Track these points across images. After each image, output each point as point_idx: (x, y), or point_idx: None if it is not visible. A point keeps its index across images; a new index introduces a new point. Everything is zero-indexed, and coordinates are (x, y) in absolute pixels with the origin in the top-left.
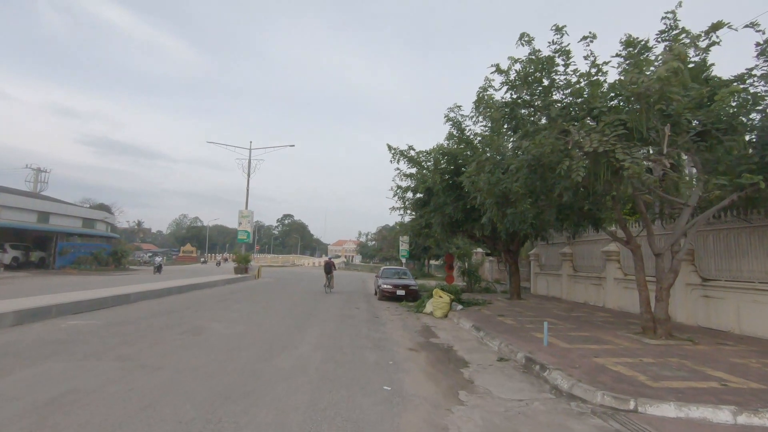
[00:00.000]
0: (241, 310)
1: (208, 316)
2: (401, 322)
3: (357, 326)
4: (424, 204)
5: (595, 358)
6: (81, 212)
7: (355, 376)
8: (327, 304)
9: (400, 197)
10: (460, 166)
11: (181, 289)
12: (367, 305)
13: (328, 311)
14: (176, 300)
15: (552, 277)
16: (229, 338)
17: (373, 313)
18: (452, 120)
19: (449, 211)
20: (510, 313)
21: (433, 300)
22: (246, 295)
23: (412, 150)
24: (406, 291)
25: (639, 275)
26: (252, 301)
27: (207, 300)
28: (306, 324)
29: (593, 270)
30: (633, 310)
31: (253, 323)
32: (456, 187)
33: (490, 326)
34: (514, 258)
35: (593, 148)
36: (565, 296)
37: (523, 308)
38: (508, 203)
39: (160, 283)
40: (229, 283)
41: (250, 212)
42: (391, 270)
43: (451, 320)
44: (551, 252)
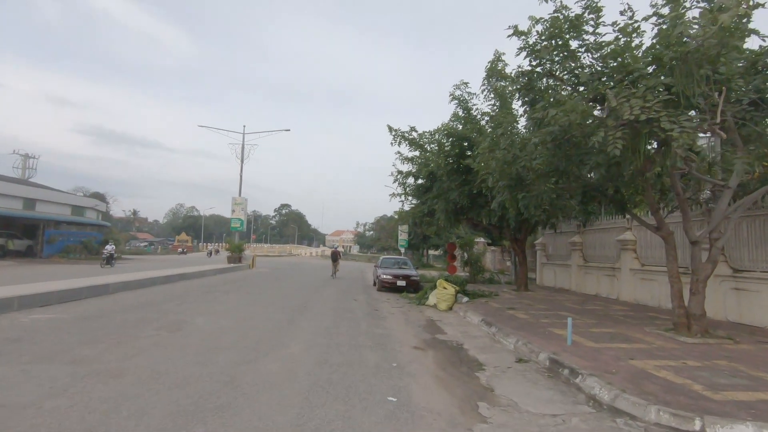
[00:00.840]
0: (228, 302)
1: (192, 309)
2: (403, 316)
3: (355, 321)
4: (427, 190)
5: (632, 361)
6: (70, 199)
7: (354, 382)
8: (323, 296)
9: (400, 183)
10: (465, 148)
11: (168, 279)
12: (366, 297)
13: (323, 304)
14: (160, 291)
15: (560, 268)
16: (211, 335)
17: (373, 306)
18: (458, 99)
19: (454, 197)
20: (520, 305)
21: (437, 291)
22: (237, 285)
23: (414, 131)
24: (407, 281)
25: (671, 265)
26: (242, 292)
27: (194, 291)
28: (299, 318)
29: (606, 260)
30: (651, 303)
31: (240, 317)
32: (462, 171)
33: (502, 321)
34: (522, 247)
35: (634, 116)
36: (575, 288)
37: (532, 300)
38: (522, 186)
39: (145, 273)
40: (220, 273)
41: (244, 200)
42: (390, 259)
43: (457, 313)
44: (559, 241)
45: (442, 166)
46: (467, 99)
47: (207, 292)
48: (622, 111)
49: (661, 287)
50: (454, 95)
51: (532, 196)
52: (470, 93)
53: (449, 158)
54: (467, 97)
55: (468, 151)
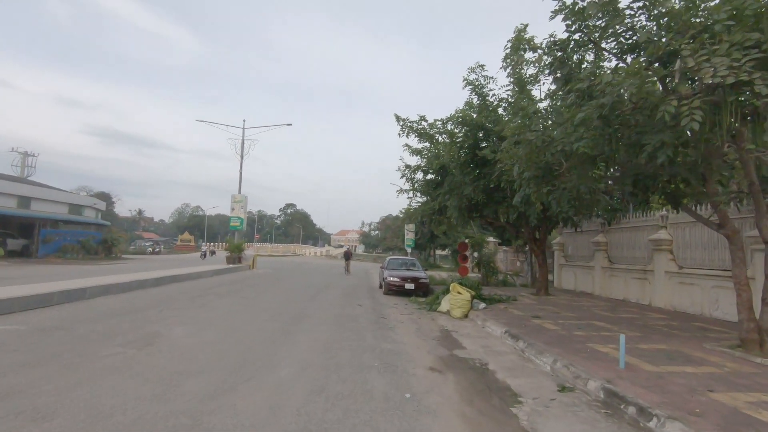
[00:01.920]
0: (219, 308)
1: (175, 318)
2: (414, 325)
3: (359, 332)
4: (437, 185)
5: (713, 394)
6: (67, 198)
7: (357, 424)
8: (325, 301)
9: (408, 178)
10: (480, 139)
11: (158, 282)
12: (372, 302)
13: (325, 310)
14: (145, 295)
15: (581, 270)
16: (186, 353)
17: (379, 313)
18: (472, 84)
19: (468, 192)
20: (544, 313)
21: (450, 297)
22: (233, 288)
23: (424, 121)
24: (415, 284)
25: (738, 270)
26: (237, 296)
27: (183, 295)
28: (295, 329)
29: (636, 262)
30: (692, 311)
31: (227, 327)
32: (476, 164)
33: (529, 333)
34: (542, 248)
35: (719, 79)
36: (599, 291)
37: (556, 307)
38: (551, 177)
39: (133, 275)
40: (217, 274)
41: (244, 197)
42: (398, 260)
43: (474, 322)
44: (580, 241)
45: (455, 158)
46: (483, 84)
47: (198, 297)
48: (702, 73)
49: (704, 293)
50: (468, 80)
51: (566, 188)
52: (487, 77)
53: (462, 149)
54: (483, 82)
55: (483, 142)
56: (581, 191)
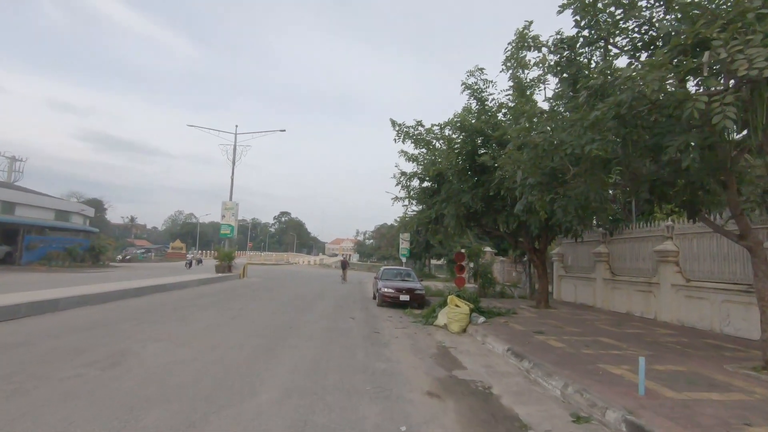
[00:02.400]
0: (200, 321)
1: (150, 332)
2: (409, 341)
3: (351, 348)
4: (433, 193)
5: (750, 429)
6: (54, 203)
7: None
8: (315, 312)
9: (403, 186)
10: (479, 145)
11: (140, 292)
12: (365, 314)
13: (314, 323)
14: (124, 306)
15: (581, 281)
16: (155, 374)
17: (372, 326)
18: (471, 88)
19: (466, 200)
20: (548, 328)
21: (447, 310)
22: (219, 299)
23: (420, 126)
24: (411, 296)
25: (761, 284)
26: (223, 307)
27: (164, 306)
28: (281, 345)
29: (639, 274)
30: (701, 326)
31: (206, 344)
32: (475, 171)
33: (534, 351)
34: (542, 258)
35: (758, 71)
36: (600, 304)
37: (558, 321)
38: (557, 183)
39: (114, 284)
40: (204, 283)
41: (235, 204)
42: (392, 270)
43: (473, 337)
44: (580, 251)
45: (452, 164)
46: (482, 88)
47: (180, 308)
48: (736, 65)
49: (714, 307)
50: (467, 84)
51: (573, 196)
52: (486, 81)
53: (460, 156)
54: (482, 86)
55: (482, 148)
56: (590, 198)
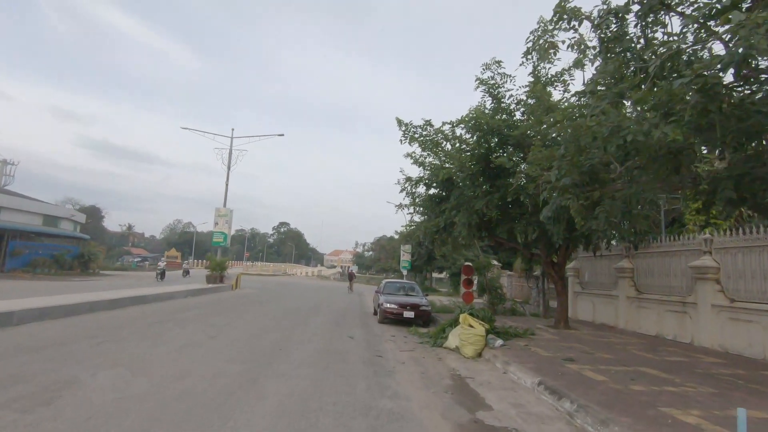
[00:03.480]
0: (175, 340)
1: (109, 355)
2: (418, 367)
3: (349, 379)
4: (441, 200)
5: None
6: (42, 208)
7: None
8: (310, 330)
9: (408, 192)
10: (495, 147)
11: (114, 304)
12: (365, 332)
13: (308, 342)
14: (91, 321)
15: (600, 299)
16: (94, 419)
17: (374, 348)
18: (486, 83)
19: (479, 208)
20: (576, 354)
21: (459, 330)
22: (204, 313)
23: (429, 126)
24: (415, 312)
25: None
26: (205, 323)
27: (138, 321)
28: (266, 373)
29: (671, 291)
30: (750, 354)
31: (173, 371)
32: (489, 175)
33: (572, 386)
34: (561, 273)
35: None
36: (623, 325)
37: (584, 344)
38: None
39: (86, 295)
40: (192, 295)
41: (229, 211)
42: (395, 284)
43: (492, 364)
44: (598, 266)
45: (467, 166)
46: (499, 83)
47: (156, 323)
48: None
49: (766, 332)
50: (481, 79)
51: (622, 197)
52: (504, 75)
53: (473, 158)
54: (499, 81)
55: (498, 150)
56: (640, 202)
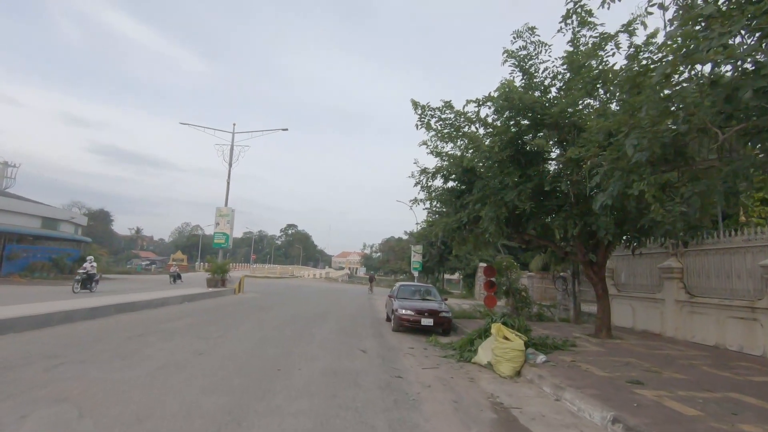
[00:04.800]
0: (153, 359)
1: (63, 383)
2: (448, 393)
3: (364, 414)
4: (461, 193)
5: None
6: (40, 210)
7: None
8: (315, 342)
9: (424, 186)
10: (528, 128)
11: (94, 313)
12: (378, 344)
13: (313, 360)
14: (61, 334)
15: (642, 303)
16: None
17: (391, 365)
18: (516, 57)
19: (510, 199)
20: (639, 373)
21: (493, 343)
22: (197, 321)
23: (449, 109)
24: (435, 319)
25: None
26: (196, 334)
27: (115, 334)
28: (256, 408)
29: (733, 295)
30: None
31: (134, 408)
32: (520, 162)
33: (662, 426)
34: (601, 275)
35: None
36: (672, 332)
37: (641, 359)
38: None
39: (67, 303)
40: (190, 300)
41: (231, 210)
42: (409, 287)
43: (537, 387)
44: (638, 266)
45: (496, 152)
46: (532, 54)
47: (136, 336)
48: None
49: None
50: (510, 52)
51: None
52: (540, 43)
53: (502, 143)
54: (532, 51)
55: (531, 132)
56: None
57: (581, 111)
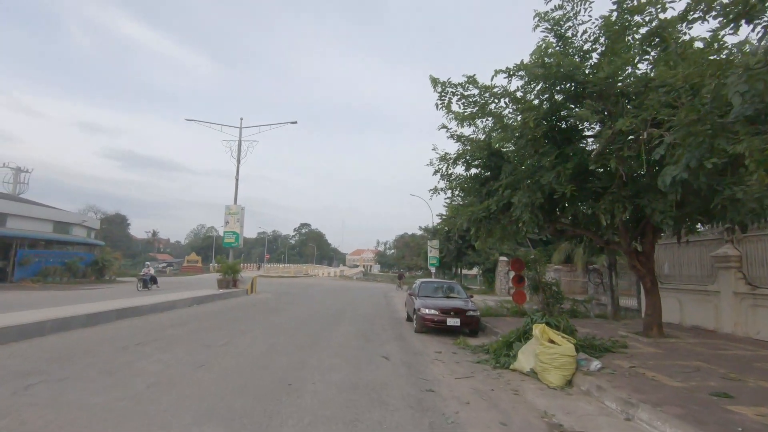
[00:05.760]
0: (144, 375)
1: (29, 411)
2: (491, 411)
3: None
4: (486, 180)
5: None
6: (51, 214)
7: None
8: (330, 348)
9: (444, 175)
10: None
11: (94, 319)
12: (401, 348)
13: (329, 372)
14: (50, 345)
15: (690, 296)
16: None
17: (418, 374)
18: (551, 20)
19: (548, 182)
20: (719, 381)
21: (536, 347)
22: (203, 327)
23: (471, 84)
24: (461, 319)
25: None
26: (199, 342)
27: (115, 343)
28: None
29: None
30: None
31: None
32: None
33: None
34: (650, 265)
35: None
36: (730, 329)
37: (713, 363)
38: None
39: (64, 309)
40: (199, 302)
41: (240, 208)
42: (432, 284)
43: (598, 401)
44: (684, 255)
45: (531, 127)
46: (570, 13)
47: (132, 346)
48: None
49: None
50: (542, 14)
51: None
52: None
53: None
54: (571, 11)
55: (569, 104)
56: None
57: (632, 74)
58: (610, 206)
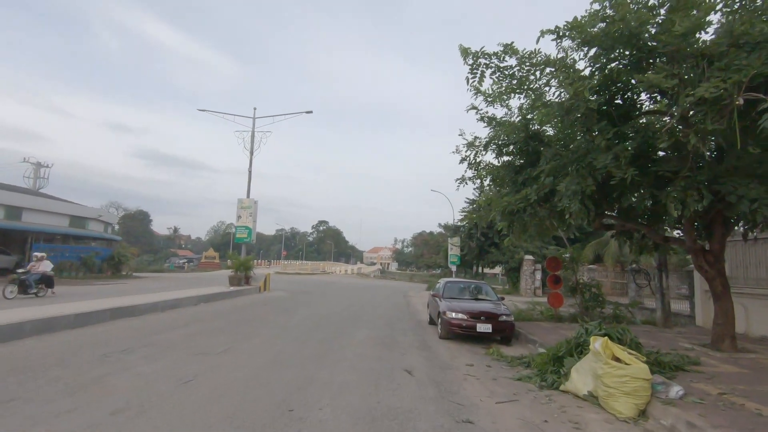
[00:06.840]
0: (114, 396)
1: None
2: None
3: None
4: (521, 168)
5: None
6: (68, 209)
7: None
8: (345, 361)
9: (471, 163)
10: (620, 70)
11: (84, 319)
12: (427, 360)
13: (341, 393)
14: (26, 351)
15: (758, 302)
16: None
17: (450, 396)
18: None
19: (603, 165)
20: None
21: (599, 366)
22: (203, 330)
23: (509, 55)
24: (493, 325)
25: None
26: (196, 348)
27: (96, 349)
28: None
29: None
30: None
31: None
32: (615, 116)
33: None
34: (720, 266)
35: None
36: None
37: None
38: None
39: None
40: (206, 301)
41: (253, 202)
42: (458, 284)
43: None
44: (750, 254)
45: (586, 98)
46: None
47: (116, 353)
48: None
49: None
50: None
51: None
52: None
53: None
54: None
55: (631, 73)
56: None
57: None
58: (681, 194)
